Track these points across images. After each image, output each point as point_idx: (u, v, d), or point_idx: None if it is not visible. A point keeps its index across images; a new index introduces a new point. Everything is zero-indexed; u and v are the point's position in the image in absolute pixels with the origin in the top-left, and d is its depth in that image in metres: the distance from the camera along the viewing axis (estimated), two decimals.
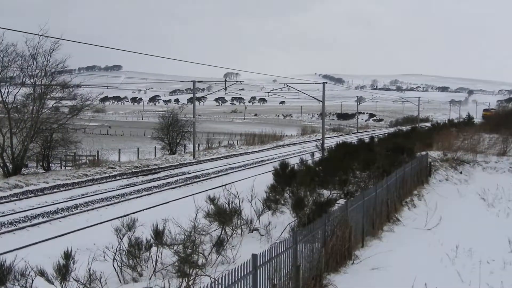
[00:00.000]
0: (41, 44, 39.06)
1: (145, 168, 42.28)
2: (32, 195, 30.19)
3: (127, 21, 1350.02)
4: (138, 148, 55.54)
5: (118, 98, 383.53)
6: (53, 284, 11.51)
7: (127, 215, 16.77)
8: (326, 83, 56.83)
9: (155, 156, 54.52)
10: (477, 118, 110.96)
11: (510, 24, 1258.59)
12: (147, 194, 31.79)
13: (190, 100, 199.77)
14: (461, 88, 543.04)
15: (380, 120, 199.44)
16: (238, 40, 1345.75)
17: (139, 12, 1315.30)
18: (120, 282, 13.35)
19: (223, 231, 15.80)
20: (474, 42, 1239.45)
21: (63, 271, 11.50)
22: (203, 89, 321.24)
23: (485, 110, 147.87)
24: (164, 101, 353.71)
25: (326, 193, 21.48)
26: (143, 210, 26.13)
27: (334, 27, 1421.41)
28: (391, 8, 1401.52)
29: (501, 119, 68.10)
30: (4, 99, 38.98)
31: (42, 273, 11.43)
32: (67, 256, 11.80)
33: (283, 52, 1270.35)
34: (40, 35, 35.65)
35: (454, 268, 14.36)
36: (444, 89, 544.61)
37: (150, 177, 38.71)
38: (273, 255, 10.11)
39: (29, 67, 39.87)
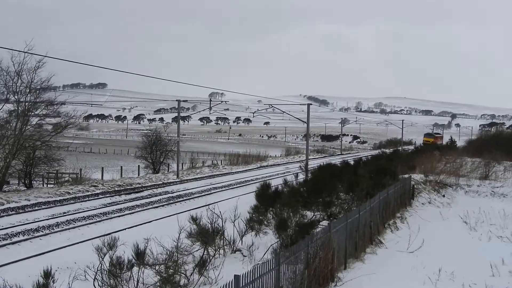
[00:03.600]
0: (26, 61, 38.94)
1: (128, 187, 42.00)
2: (13, 212, 29.81)
3: (112, 39, 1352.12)
4: (121, 167, 55.29)
5: (102, 116, 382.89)
6: None
7: (109, 234, 16.65)
8: (311, 104, 57.20)
9: (139, 175, 54.26)
10: (460, 142, 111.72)
11: (493, 50, 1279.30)
12: (130, 213, 31.53)
13: (175, 119, 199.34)
14: (444, 112, 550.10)
15: (364, 142, 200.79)
16: (223, 60, 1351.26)
17: (125, 31, 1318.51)
18: None
19: (205, 251, 15.72)
20: (457, 67, 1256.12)
21: None
22: (188, 109, 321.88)
23: (426, 135, 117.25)
24: (148, 119, 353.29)
25: (309, 214, 21.48)
26: (125, 229, 25.90)
27: (317, 49, 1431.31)
28: (371, 32, 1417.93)
29: (484, 144, 69.02)
30: None
31: None
32: (47, 275, 11.64)
33: (268, 73, 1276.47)
34: (25, 52, 35.53)
35: None
36: (427, 112, 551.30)
37: (133, 196, 38.44)
38: (256, 277, 10.06)
39: (13, 84, 39.65)
